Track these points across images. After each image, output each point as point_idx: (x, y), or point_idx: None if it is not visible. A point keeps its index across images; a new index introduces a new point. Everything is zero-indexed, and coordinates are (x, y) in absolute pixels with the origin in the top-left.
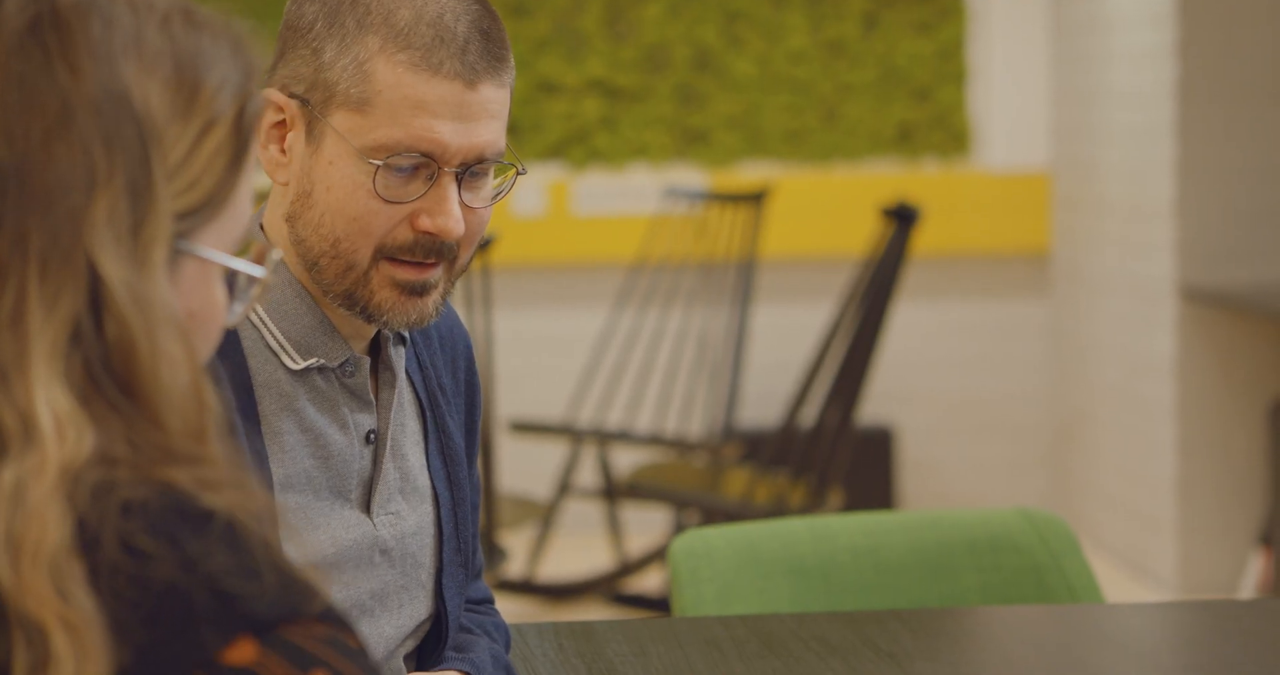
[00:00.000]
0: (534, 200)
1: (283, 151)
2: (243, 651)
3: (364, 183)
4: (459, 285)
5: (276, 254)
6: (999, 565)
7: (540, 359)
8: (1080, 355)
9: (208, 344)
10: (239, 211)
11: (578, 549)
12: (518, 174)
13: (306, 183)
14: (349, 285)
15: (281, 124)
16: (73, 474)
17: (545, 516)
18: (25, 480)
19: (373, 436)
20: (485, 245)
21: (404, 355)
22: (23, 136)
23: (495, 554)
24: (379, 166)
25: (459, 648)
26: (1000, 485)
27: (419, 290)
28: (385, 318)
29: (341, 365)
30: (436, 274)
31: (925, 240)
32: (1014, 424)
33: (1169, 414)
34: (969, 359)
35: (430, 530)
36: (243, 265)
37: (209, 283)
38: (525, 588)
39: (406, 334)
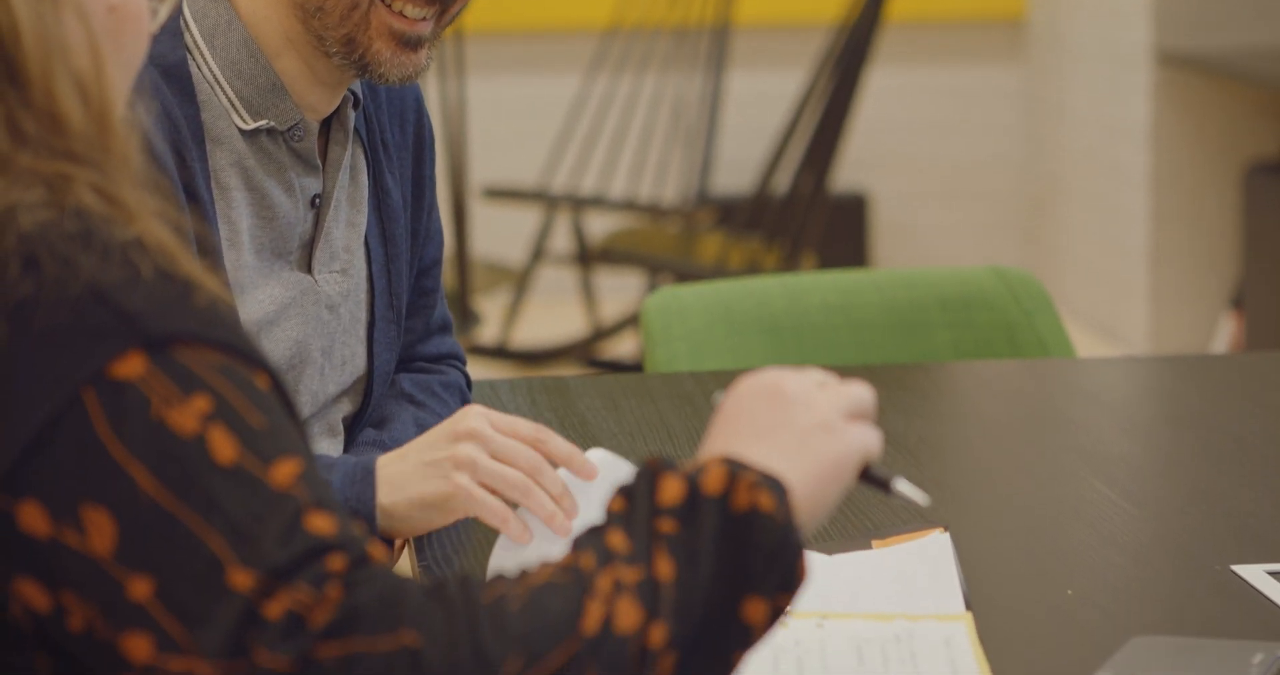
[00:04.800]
0: None
1: None
2: (130, 365)
3: None
4: None
5: None
6: (971, 322)
7: (514, 125)
8: (1055, 121)
9: (136, 43)
10: None
11: (552, 315)
12: None
13: None
14: (351, 28)
15: None
16: None
17: (519, 282)
18: None
19: (318, 201)
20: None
21: (354, 117)
22: None
23: (469, 319)
24: None
25: (380, 423)
26: (974, 250)
27: (413, 43)
28: (382, 69)
29: (290, 129)
30: (429, 28)
31: (900, 5)
32: (988, 190)
33: (1143, 179)
34: (944, 125)
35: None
36: None
37: None
38: (499, 353)
39: (360, 94)
